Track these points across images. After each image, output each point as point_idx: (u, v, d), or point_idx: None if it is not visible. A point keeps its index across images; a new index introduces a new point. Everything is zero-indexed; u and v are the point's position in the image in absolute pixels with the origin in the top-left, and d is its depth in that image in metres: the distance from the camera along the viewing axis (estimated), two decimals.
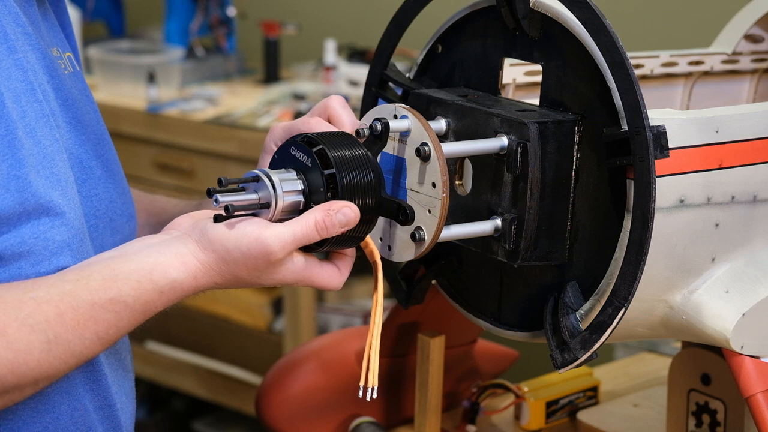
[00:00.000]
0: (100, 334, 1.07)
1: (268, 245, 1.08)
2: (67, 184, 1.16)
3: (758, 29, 1.58)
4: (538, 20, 1.20)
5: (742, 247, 1.24)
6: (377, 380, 1.16)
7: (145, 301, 1.09)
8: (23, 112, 1.13)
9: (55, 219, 1.13)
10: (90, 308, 1.06)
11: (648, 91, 1.28)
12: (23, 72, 1.15)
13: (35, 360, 1.04)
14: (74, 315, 1.06)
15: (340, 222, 1.09)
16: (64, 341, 1.05)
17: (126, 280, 1.08)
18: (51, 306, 1.05)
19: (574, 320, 1.17)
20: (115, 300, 1.07)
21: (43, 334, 1.04)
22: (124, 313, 1.08)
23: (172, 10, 3.26)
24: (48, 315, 1.05)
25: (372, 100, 1.34)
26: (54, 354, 1.05)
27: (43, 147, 1.14)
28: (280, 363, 1.54)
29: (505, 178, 1.18)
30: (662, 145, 1.11)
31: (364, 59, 3.04)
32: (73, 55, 1.29)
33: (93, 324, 1.07)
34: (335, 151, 1.10)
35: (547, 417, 1.55)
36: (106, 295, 1.07)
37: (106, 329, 1.08)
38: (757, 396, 1.21)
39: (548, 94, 1.20)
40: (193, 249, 1.10)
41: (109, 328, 1.08)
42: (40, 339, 1.04)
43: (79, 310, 1.06)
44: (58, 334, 1.05)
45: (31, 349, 1.04)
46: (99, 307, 1.07)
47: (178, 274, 1.09)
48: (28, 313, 1.04)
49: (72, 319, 1.06)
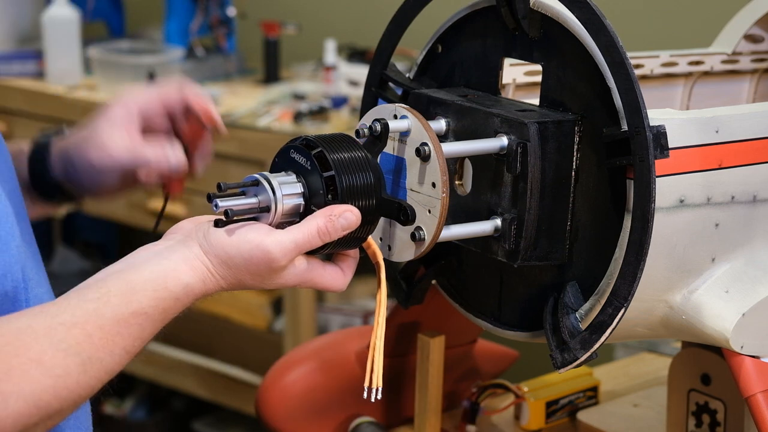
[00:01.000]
0: (127, 348, 1.08)
1: (269, 252, 1.08)
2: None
3: (758, 29, 1.58)
4: (538, 20, 1.20)
5: (742, 247, 1.24)
6: (381, 381, 1.16)
7: (163, 309, 1.09)
8: None
9: None
10: (115, 325, 1.07)
11: (648, 91, 1.28)
12: None
13: (74, 382, 1.05)
14: (101, 334, 1.06)
15: (342, 226, 1.09)
16: (97, 360, 1.06)
17: (144, 291, 1.08)
18: (79, 328, 1.06)
19: (574, 320, 1.17)
20: (137, 313, 1.08)
21: (77, 357, 1.05)
22: (146, 324, 1.08)
23: (172, 10, 3.26)
24: (78, 337, 1.05)
25: (372, 100, 1.34)
26: (90, 374, 1.06)
27: None
28: (280, 363, 1.54)
29: (505, 178, 1.18)
30: (662, 145, 1.12)
31: (364, 59, 3.04)
32: None
33: (120, 339, 1.07)
34: (334, 153, 1.10)
35: (547, 417, 1.55)
36: (128, 309, 1.07)
37: (132, 342, 1.08)
38: (757, 396, 1.21)
39: (548, 94, 1.20)
40: (198, 253, 1.10)
41: (134, 340, 1.08)
42: (76, 362, 1.05)
43: (105, 328, 1.06)
44: (91, 354, 1.06)
45: (69, 372, 1.04)
46: (123, 323, 1.07)
47: (189, 278, 1.10)
48: (60, 339, 1.05)
49: (100, 339, 1.06)
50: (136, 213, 2.97)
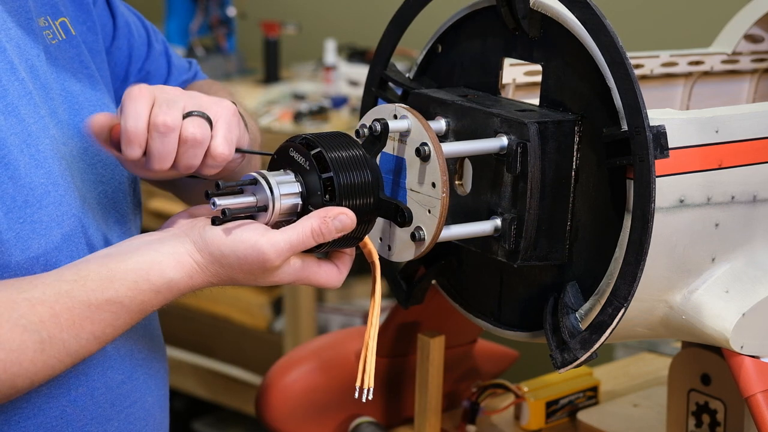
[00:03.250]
0: (96, 334, 1.08)
1: (264, 252, 1.08)
2: (53, 162, 1.16)
3: (758, 29, 1.58)
4: (538, 20, 1.20)
5: (741, 247, 1.24)
6: (373, 382, 1.16)
7: (141, 301, 1.09)
8: (4, 90, 1.13)
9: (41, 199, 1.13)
10: (86, 309, 1.07)
11: (648, 91, 1.28)
12: (1, 51, 1.14)
13: (28, 359, 1.05)
14: (70, 315, 1.06)
15: (337, 228, 1.09)
16: (59, 341, 1.06)
17: (123, 281, 1.08)
18: (46, 307, 1.05)
19: (574, 320, 1.17)
20: (111, 300, 1.08)
21: (36, 334, 1.04)
22: (121, 312, 1.08)
23: (172, 10, 3.26)
24: (42, 315, 1.05)
25: (372, 101, 1.34)
26: (48, 353, 1.06)
27: (27, 125, 1.14)
28: (280, 363, 1.54)
29: (504, 178, 1.18)
30: (662, 145, 1.12)
31: (364, 59, 3.04)
32: (69, 19, 1.27)
33: (89, 324, 1.07)
34: (332, 152, 1.10)
35: (547, 417, 1.55)
36: (103, 296, 1.07)
37: (102, 329, 1.08)
38: (756, 396, 1.21)
39: (548, 94, 1.20)
40: (190, 249, 1.10)
41: (105, 327, 1.08)
42: (34, 339, 1.04)
43: (74, 310, 1.06)
44: (53, 334, 1.05)
45: (24, 348, 1.04)
46: (95, 308, 1.07)
47: (174, 273, 1.09)
48: (21, 314, 1.04)
49: (68, 320, 1.06)
50: None
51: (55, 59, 1.22)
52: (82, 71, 1.26)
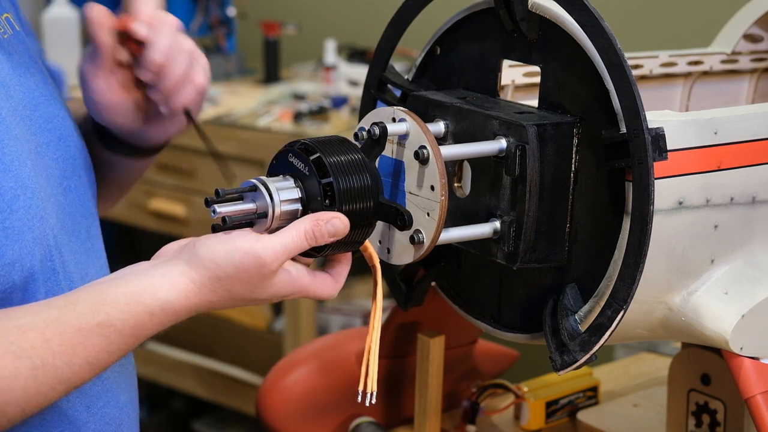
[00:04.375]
0: (89, 359, 1.05)
1: (260, 257, 1.07)
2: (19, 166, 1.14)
3: (757, 29, 1.58)
4: (537, 22, 1.20)
5: (741, 249, 1.24)
6: (376, 385, 1.16)
7: (134, 323, 1.07)
8: None
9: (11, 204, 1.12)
10: (77, 333, 1.04)
11: (647, 92, 1.28)
12: None
13: (20, 386, 1.03)
14: (62, 340, 1.04)
15: (329, 232, 1.08)
16: (52, 367, 1.04)
17: (114, 304, 1.06)
18: (36, 332, 1.03)
19: (573, 322, 1.17)
20: (103, 324, 1.05)
21: (28, 361, 1.02)
22: (114, 336, 1.06)
23: (172, 10, 3.24)
24: (34, 342, 1.03)
25: (371, 103, 1.35)
26: (41, 380, 1.03)
27: None
28: (281, 363, 1.54)
29: (503, 181, 1.18)
30: (661, 147, 1.12)
31: (364, 59, 3.04)
32: (12, 14, 1.25)
33: (82, 349, 1.05)
34: (331, 156, 1.10)
35: (547, 417, 1.55)
36: (94, 320, 1.05)
37: (95, 354, 1.06)
38: (756, 397, 1.21)
39: (547, 96, 1.20)
40: (183, 269, 1.09)
41: (99, 353, 1.06)
42: (26, 365, 1.02)
43: (66, 335, 1.04)
44: (45, 360, 1.03)
45: (16, 375, 1.02)
46: (87, 332, 1.05)
47: (168, 294, 1.08)
48: (12, 341, 1.02)
49: (59, 345, 1.04)
50: (136, 213, 2.97)
51: (9, 54, 1.20)
52: (34, 65, 1.25)
